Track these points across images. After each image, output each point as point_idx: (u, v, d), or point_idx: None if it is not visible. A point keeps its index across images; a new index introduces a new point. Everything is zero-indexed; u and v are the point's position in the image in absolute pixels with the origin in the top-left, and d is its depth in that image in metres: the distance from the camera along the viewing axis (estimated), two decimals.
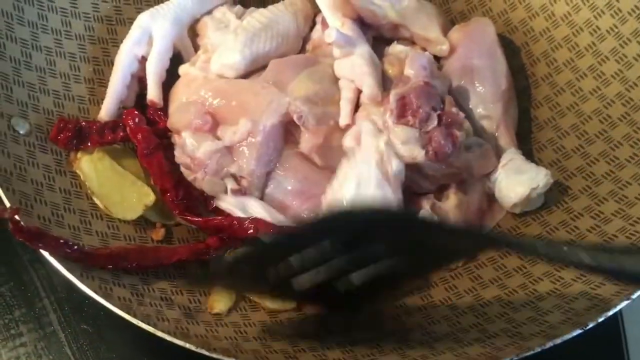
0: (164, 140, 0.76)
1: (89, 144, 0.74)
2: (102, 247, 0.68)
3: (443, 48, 0.81)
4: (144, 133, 0.74)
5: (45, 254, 0.63)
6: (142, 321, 0.61)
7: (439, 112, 0.72)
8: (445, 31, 0.82)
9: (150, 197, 0.72)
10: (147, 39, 0.79)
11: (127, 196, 0.72)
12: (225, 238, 0.71)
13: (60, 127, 0.74)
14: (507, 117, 0.79)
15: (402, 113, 0.72)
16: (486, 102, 0.79)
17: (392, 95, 0.73)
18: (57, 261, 0.63)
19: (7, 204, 0.65)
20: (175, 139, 0.76)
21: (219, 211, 0.73)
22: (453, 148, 0.71)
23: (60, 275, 0.63)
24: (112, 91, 0.78)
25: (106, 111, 0.77)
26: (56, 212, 0.69)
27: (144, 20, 0.79)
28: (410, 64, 0.74)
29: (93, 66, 0.80)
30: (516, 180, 0.74)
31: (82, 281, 0.62)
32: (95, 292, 0.62)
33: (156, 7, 0.81)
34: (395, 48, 0.80)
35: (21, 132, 0.72)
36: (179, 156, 0.75)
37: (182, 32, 0.81)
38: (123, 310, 0.62)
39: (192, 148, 0.73)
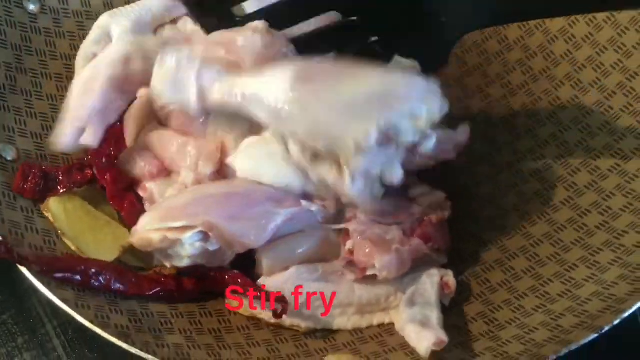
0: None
1: (59, 188, 0.70)
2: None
3: None
4: (113, 173, 0.70)
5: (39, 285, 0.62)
6: (140, 350, 0.59)
7: None
8: None
9: (127, 238, 0.67)
10: (106, 38, 0.75)
11: (101, 238, 0.68)
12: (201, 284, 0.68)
13: (24, 174, 0.69)
14: None
15: None
16: None
17: None
18: (51, 292, 0.62)
19: None
20: (140, 192, 0.71)
21: None
22: None
23: None
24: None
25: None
26: (48, 239, 0.67)
27: (104, 20, 0.76)
28: None
29: None
30: None
31: (77, 311, 0.61)
32: (92, 322, 0.60)
33: (120, 7, 0.77)
34: None
35: (8, 158, 0.70)
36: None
37: (145, 35, 0.76)
38: (121, 340, 0.60)
39: (159, 197, 0.70)
